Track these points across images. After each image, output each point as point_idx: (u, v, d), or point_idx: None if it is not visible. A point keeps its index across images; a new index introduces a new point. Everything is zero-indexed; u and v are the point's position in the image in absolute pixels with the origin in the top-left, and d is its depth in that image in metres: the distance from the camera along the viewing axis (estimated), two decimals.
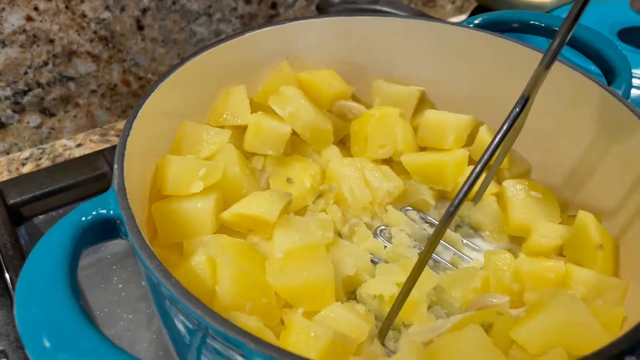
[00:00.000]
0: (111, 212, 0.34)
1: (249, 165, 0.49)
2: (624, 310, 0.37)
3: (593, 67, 0.53)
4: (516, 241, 0.47)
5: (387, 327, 0.38)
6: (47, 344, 0.29)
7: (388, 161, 0.53)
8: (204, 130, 0.47)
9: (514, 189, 0.46)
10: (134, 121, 0.40)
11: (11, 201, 0.58)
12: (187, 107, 0.48)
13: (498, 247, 0.47)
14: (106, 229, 0.35)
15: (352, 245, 0.44)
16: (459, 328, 0.36)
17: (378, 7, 0.79)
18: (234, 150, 0.46)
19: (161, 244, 0.42)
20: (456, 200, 0.33)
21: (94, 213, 0.34)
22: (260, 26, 0.53)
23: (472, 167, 0.48)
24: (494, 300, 0.41)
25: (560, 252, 0.44)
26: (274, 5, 0.80)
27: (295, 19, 0.54)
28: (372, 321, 0.38)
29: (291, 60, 0.55)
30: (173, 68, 0.45)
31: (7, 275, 0.51)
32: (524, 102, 0.35)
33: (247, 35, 0.51)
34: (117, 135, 0.74)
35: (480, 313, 0.37)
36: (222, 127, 0.49)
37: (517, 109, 0.34)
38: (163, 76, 0.45)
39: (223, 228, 0.44)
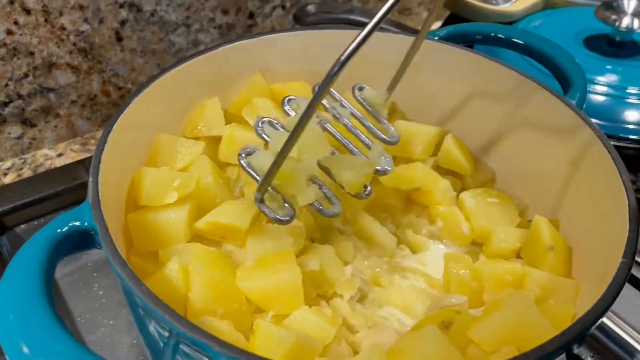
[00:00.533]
0: (85, 223, 0.36)
1: (224, 175, 0.50)
2: (574, 309, 0.39)
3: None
4: (477, 245, 0.49)
5: (266, 183, 0.39)
6: (26, 350, 0.30)
7: None
8: (178, 142, 0.49)
9: (471, 199, 0.49)
10: (109, 134, 0.42)
11: None
12: (163, 118, 0.50)
13: (460, 250, 0.49)
14: (82, 240, 0.36)
15: (318, 245, 0.45)
16: (419, 328, 0.39)
17: (353, 17, 0.82)
18: (207, 160, 0.48)
19: (137, 253, 0.44)
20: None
21: (70, 225, 0.35)
22: (234, 39, 0.54)
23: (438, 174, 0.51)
24: (453, 300, 0.43)
25: (518, 255, 0.46)
26: (251, 15, 0.82)
27: (269, 32, 0.56)
28: (338, 323, 0.40)
29: (265, 72, 0.57)
30: (148, 81, 0.47)
31: None
32: None
33: (221, 48, 0.53)
34: None
35: (441, 312, 0.39)
36: (197, 138, 0.51)
37: None
38: (138, 89, 0.46)
39: (198, 237, 0.46)
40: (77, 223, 0.36)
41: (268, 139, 0.43)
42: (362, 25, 0.81)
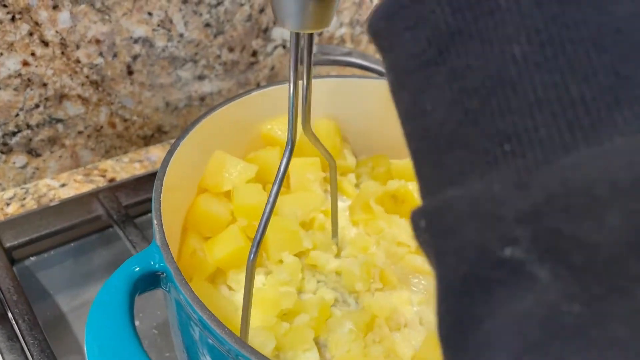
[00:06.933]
0: (156, 265, 0.37)
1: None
2: None
3: None
4: None
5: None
6: None
7: None
8: (232, 161, 0.52)
9: None
10: (164, 178, 0.43)
11: (8, 244, 0.59)
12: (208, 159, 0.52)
13: None
14: (152, 280, 0.38)
15: None
16: None
17: (352, 60, 0.85)
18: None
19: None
20: None
21: (143, 265, 0.37)
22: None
23: None
24: None
25: None
26: (254, 54, 0.84)
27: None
28: None
29: None
30: (192, 125, 0.49)
31: (12, 320, 0.51)
32: None
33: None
34: (101, 175, 0.76)
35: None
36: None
37: None
38: (183, 133, 0.48)
39: None
40: (149, 264, 0.37)
41: None
42: (360, 67, 0.85)
